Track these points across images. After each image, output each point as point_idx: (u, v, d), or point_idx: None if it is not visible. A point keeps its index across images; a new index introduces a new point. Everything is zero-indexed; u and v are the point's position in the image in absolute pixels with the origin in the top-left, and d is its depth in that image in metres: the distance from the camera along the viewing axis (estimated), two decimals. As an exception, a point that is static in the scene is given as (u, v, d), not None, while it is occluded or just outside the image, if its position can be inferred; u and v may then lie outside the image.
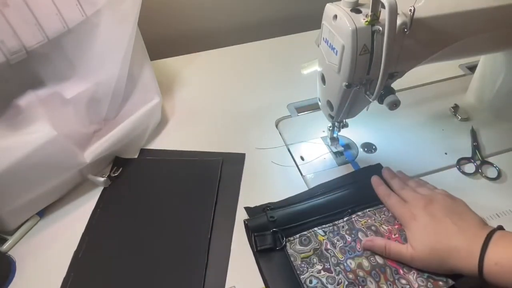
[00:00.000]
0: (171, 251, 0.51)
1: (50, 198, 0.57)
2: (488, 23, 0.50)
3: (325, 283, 0.47)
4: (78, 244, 0.52)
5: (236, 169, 0.62)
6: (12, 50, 0.46)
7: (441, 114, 0.70)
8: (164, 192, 0.59)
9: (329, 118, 0.59)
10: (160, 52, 0.86)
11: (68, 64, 0.54)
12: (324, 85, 0.54)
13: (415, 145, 0.65)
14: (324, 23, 0.48)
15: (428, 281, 0.46)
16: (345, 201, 0.55)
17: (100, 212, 0.56)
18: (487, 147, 0.64)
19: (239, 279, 0.48)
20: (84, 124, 0.58)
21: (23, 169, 0.49)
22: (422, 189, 0.53)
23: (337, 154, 0.63)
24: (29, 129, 0.49)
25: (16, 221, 0.53)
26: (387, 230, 0.51)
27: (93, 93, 0.57)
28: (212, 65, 0.86)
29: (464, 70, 0.81)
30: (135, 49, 0.59)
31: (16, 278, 0.49)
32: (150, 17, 0.74)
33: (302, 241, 0.51)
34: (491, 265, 0.41)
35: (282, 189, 0.58)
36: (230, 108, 0.74)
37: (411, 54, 0.48)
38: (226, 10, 0.96)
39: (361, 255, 0.49)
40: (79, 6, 0.52)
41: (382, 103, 0.49)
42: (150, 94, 0.66)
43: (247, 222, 0.53)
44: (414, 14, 0.43)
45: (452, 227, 0.46)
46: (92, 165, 0.58)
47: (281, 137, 0.68)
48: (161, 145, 0.67)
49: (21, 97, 0.49)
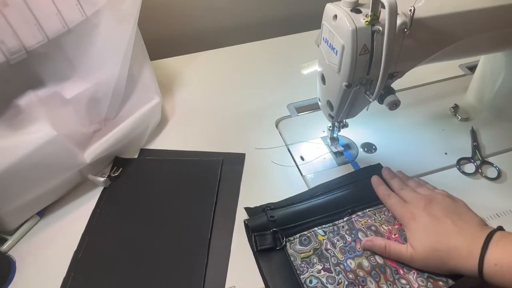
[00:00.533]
0: (171, 251, 0.51)
1: (50, 198, 0.57)
2: (488, 23, 0.50)
3: (325, 283, 0.47)
4: (78, 244, 0.52)
5: (236, 169, 0.62)
6: (12, 50, 0.46)
7: (441, 114, 0.70)
8: (164, 192, 0.59)
9: (329, 118, 0.59)
10: (160, 52, 0.86)
11: (68, 64, 0.54)
12: (324, 85, 0.54)
13: (415, 145, 0.65)
14: (324, 23, 0.48)
15: (428, 281, 0.46)
16: (345, 201, 0.55)
17: (100, 212, 0.56)
18: (487, 147, 0.64)
19: (239, 279, 0.48)
20: (84, 124, 0.58)
21: (23, 169, 0.49)
22: (422, 189, 0.54)
23: (337, 154, 0.63)
24: (29, 129, 0.49)
25: (16, 221, 0.53)
26: (387, 230, 0.51)
27: (93, 93, 0.57)
28: (212, 65, 0.86)
29: (464, 70, 0.81)
30: (135, 49, 0.59)
31: (16, 278, 0.49)
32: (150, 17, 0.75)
33: (302, 241, 0.51)
34: (491, 266, 0.41)
35: (282, 189, 0.58)
36: (230, 108, 0.74)
37: (411, 54, 0.48)
38: (226, 10, 0.96)
39: (361, 255, 0.49)
40: (79, 6, 0.52)
41: (382, 103, 0.49)
42: (150, 94, 0.66)
43: (247, 222, 0.53)
44: (414, 14, 0.43)
45: (452, 227, 0.46)
46: (92, 165, 0.58)
47: (281, 137, 0.68)
48: (161, 145, 0.67)
49: (21, 97, 0.49)
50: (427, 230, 0.47)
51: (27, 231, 0.54)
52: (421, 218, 0.48)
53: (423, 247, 0.46)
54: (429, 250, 0.45)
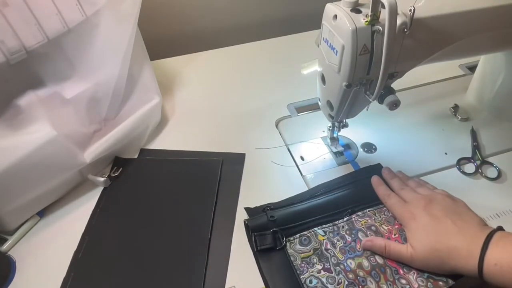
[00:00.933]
0: (171, 251, 0.51)
1: (50, 198, 0.57)
2: (488, 23, 0.50)
3: (325, 283, 0.47)
4: (78, 244, 0.52)
5: (236, 169, 0.62)
6: (12, 50, 0.46)
7: (441, 114, 0.70)
8: (164, 192, 0.59)
9: (329, 118, 0.59)
10: (160, 52, 0.87)
11: (68, 64, 0.54)
12: (324, 85, 0.54)
13: (415, 145, 0.65)
14: (324, 23, 0.48)
15: (428, 281, 0.46)
16: (345, 201, 0.55)
17: (100, 212, 0.56)
18: (487, 147, 0.64)
19: (239, 279, 0.48)
20: (84, 124, 0.58)
21: (23, 169, 0.49)
22: (422, 189, 0.54)
23: (337, 154, 0.63)
24: (29, 129, 0.49)
25: (16, 221, 0.53)
26: (387, 230, 0.51)
27: (93, 93, 0.57)
28: (212, 65, 0.86)
29: (464, 70, 0.81)
30: (135, 49, 0.59)
31: (16, 278, 0.49)
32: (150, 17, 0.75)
33: (302, 241, 0.51)
34: (491, 265, 0.41)
35: (282, 189, 0.58)
36: (230, 108, 0.74)
37: (411, 54, 0.48)
38: (226, 10, 0.96)
39: (361, 255, 0.49)
40: (79, 6, 0.52)
41: (382, 103, 0.49)
42: (150, 94, 0.66)
43: (247, 222, 0.53)
44: (414, 14, 0.43)
45: (452, 227, 0.46)
46: (92, 165, 0.58)
47: (281, 137, 0.68)
48: (161, 145, 0.67)
49: (21, 97, 0.49)
50: (427, 230, 0.47)
51: (27, 231, 0.54)
52: (421, 218, 0.48)
53: (423, 247, 0.46)
54: (429, 250, 0.45)
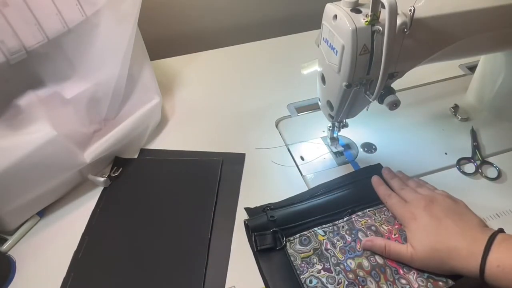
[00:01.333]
0: (171, 251, 0.51)
1: (50, 198, 0.57)
2: (488, 23, 0.50)
3: (325, 283, 0.47)
4: (78, 244, 0.52)
5: (236, 169, 0.62)
6: (12, 50, 0.46)
7: (441, 114, 0.70)
8: (164, 192, 0.59)
9: (329, 118, 0.59)
10: (160, 52, 0.87)
11: (68, 64, 0.54)
12: (324, 85, 0.54)
13: (415, 145, 0.65)
14: (324, 23, 0.48)
15: (428, 281, 0.46)
16: (345, 201, 0.55)
17: (100, 212, 0.56)
18: (487, 147, 0.64)
19: (239, 279, 0.48)
20: (84, 124, 0.58)
21: (23, 169, 0.49)
22: (422, 189, 0.54)
23: (337, 154, 0.63)
24: (29, 129, 0.49)
25: (16, 221, 0.53)
26: (387, 230, 0.51)
27: (93, 93, 0.57)
28: (212, 65, 0.86)
29: (464, 70, 0.81)
30: (135, 49, 0.59)
31: (16, 278, 0.49)
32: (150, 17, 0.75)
33: (302, 241, 0.51)
34: (493, 267, 0.41)
35: (282, 189, 0.58)
36: (230, 108, 0.74)
37: (411, 54, 0.48)
38: (226, 10, 0.96)
39: (361, 255, 0.49)
40: (79, 6, 0.52)
41: (382, 103, 0.49)
42: (150, 94, 0.66)
43: (247, 222, 0.53)
44: (414, 14, 0.43)
45: (453, 228, 0.46)
46: (92, 165, 0.58)
47: (281, 137, 0.68)
48: (161, 145, 0.67)
49: (21, 97, 0.49)
50: (427, 230, 0.47)
51: (27, 231, 0.54)
52: (422, 218, 0.48)
53: (423, 247, 0.46)
54: (429, 250, 0.45)
